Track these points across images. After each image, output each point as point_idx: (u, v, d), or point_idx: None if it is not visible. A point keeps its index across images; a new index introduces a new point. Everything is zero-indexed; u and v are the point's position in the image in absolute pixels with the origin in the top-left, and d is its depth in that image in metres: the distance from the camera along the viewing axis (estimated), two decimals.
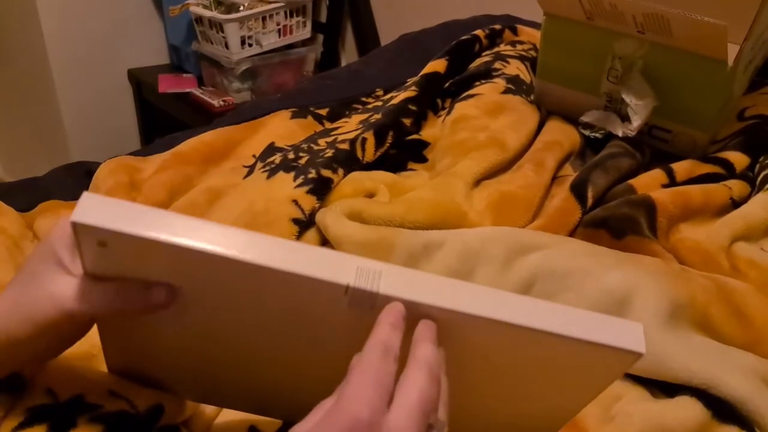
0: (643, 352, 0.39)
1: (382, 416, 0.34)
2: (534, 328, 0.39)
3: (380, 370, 0.35)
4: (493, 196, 0.86)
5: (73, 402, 0.47)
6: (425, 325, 0.39)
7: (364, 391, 0.34)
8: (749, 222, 0.80)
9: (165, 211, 0.38)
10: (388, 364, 0.36)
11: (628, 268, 0.68)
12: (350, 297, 0.38)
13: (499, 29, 1.30)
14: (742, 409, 0.58)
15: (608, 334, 0.39)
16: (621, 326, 0.40)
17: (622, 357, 0.40)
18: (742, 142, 0.94)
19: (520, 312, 0.39)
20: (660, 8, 0.82)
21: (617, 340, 0.39)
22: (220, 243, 0.37)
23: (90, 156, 1.17)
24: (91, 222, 0.36)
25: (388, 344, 0.36)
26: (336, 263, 0.38)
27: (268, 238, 0.38)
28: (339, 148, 0.94)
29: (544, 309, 0.39)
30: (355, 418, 0.33)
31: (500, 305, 0.39)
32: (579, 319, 0.39)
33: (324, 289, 0.38)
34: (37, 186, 0.97)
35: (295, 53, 2.05)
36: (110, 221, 0.36)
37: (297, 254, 0.38)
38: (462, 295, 0.39)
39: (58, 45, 2.00)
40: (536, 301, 0.40)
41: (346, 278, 0.38)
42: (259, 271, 0.37)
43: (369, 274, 0.38)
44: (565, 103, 1.04)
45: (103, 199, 0.37)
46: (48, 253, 0.42)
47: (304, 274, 0.37)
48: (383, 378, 0.35)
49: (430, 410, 0.36)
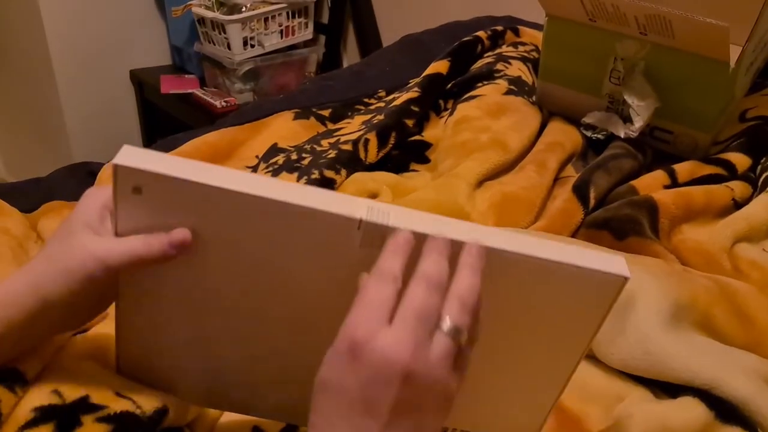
0: (628, 275, 0.45)
1: (378, 333, 0.37)
2: (533, 256, 0.43)
3: (375, 293, 0.38)
4: (496, 197, 0.86)
5: (79, 402, 0.47)
6: (430, 240, 0.41)
7: (358, 315, 0.37)
8: (751, 223, 0.80)
9: (197, 161, 0.42)
10: (384, 286, 0.38)
11: (630, 269, 0.68)
12: (362, 233, 0.42)
13: (501, 30, 1.30)
14: (745, 409, 0.58)
15: (597, 262, 0.45)
16: (607, 258, 0.45)
17: (610, 281, 0.45)
18: (743, 143, 0.94)
19: (519, 243, 0.43)
20: (662, 9, 0.82)
21: (605, 266, 0.45)
22: (247, 184, 0.41)
23: (92, 157, 1.17)
24: (132, 164, 0.40)
25: (385, 269, 0.39)
26: (349, 201, 0.42)
27: (288, 183, 0.43)
28: (342, 149, 0.95)
29: (541, 243, 0.44)
30: (351, 339, 0.37)
31: (501, 237, 0.43)
32: (571, 251, 0.45)
33: (339, 224, 0.41)
34: (40, 186, 0.97)
35: (297, 54, 2.06)
36: (148, 164, 0.41)
37: (315, 194, 0.42)
38: (466, 229, 0.43)
39: (61, 46, 2.00)
40: (533, 237, 0.44)
41: (358, 213, 0.41)
42: (281, 208, 0.41)
43: (379, 211, 0.42)
44: (567, 104, 1.04)
45: (140, 149, 0.41)
46: (77, 219, 0.45)
47: (322, 209, 0.41)
48: (378, 300, 0.38)
49: (428, 317, 0.38)
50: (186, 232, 0.43)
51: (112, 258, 0.43)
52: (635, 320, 0.63)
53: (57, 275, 0.44)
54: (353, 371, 0.37)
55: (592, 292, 0.46)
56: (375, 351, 0.36)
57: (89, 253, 0.43)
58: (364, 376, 0.37)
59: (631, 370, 0.64)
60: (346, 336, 0.37)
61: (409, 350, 0.36)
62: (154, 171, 0.41)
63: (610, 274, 0.45)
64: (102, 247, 0.43)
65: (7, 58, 2.22)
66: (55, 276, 0.44)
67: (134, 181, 0.41)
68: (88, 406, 0.47)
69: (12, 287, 0.45)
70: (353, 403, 0.37)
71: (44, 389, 0.48)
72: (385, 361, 0.36)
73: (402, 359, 0.36)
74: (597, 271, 0.44)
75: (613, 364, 0.65)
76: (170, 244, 0.43)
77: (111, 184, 0.42)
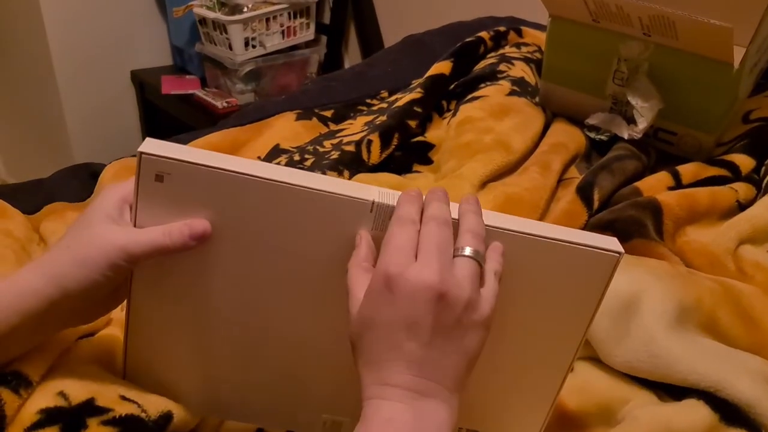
0: (622, 251, 0.47)
1: (408, 266, 0.42)
2: (527, 234, 0.46)
3: (399, 235, 0.43)
4: (499, 198, 0.86)
5: (85, 405, 0.47)
6: (430, 192, 0.46)
7: (389, 255, 0.43)
8: (755, 225, 0.80)
9: (215, 153, 0.45)
10: (406, 228, 0.44)
11: (634, 271, 0.68)
12: (375, 215, 0.45)
13: (503, 31, 1.30)
14: (750, 412, 0.58)
15: (591, 240, 0.47)
16: (600, 237, 0.48)
17: (604, 258, 0.47)
18: (747, 144, 0.94)
19: (514, 223, 0.47)
20: (666, 10, 0.82)
21: (599, 243, 0.47)
22: (266, 171, 0.44)
23: (93, 157, 1.16)
24: (156, 152, 0.43)
25: (403, 214, 0.44)
26: (361, 187, 0.46)
27: (304, 172, 0.46)
28: (344, 149, 0.95)
29: (536, 223, 0.48)
30: (385, 275, 0.42)
31: (497, 218, 0.47)
32: (565, 231, 0.48)
33: (353, 207, 0.45)
34: (41, 187, 0.96)
35: (298, 55, 2.05)
36: (172, 153, 0.43)
37: (329, 181, 0.45)
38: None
39: (62, 46, 2.00)
40: (527, 220, 0.48)
41: (371, 197, 0.45)
42: (298, 194, 0.44)
43: (389, 196, 0.46)
44: (570, 105, 1.04)
45: (162, 141, 0.45)
46: (96, 212, 0.46)
47: (338, 192, 0.45)
48: (402, 240, 0.43)
49: (446, 247, 0.43)
50: (205, 223, 0.45)
51: (133, 247, 0.44)
52: (640, 322, 0.63)
53: (77, 265, 0.45)
54: (391, 303, 0.41)
55: (587, 270, 0.48)
56: (409, 280, 0.41)
57: (110, 243, 0.44)
58: (402, 304, 0.41)
59: (635, 372, 0.63)
60: (380, 274, 0.42)
61: (437, 274, 0.41)
62: (177, 158, 0.43)
63: (604, 250, 0.47)
64: (123, 237, 0.45)
65: (8, 59, 2.22)
66: (76, 265, 0.45)
67: (157, 169, 0.43)
68: (94, 408, 0.47)
69: (27, 277, 0.45)
70: (395, 331, 0.41)
71: (50, 391, 0.48)
72: (419, 286, 0.41)
73: (432, 281, 0.41)
74: (591, 248, 0.47)
75: (617, 366, 0.64)
76: (191, 235, 0.44)
77: (113, 183, 0.42)
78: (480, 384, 0.49)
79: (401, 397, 0.41)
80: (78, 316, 0.49)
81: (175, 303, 0.48)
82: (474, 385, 0.45)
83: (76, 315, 0.48)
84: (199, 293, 0.48)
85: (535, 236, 0.46)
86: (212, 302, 0.48)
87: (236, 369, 0.51)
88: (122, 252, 0.44)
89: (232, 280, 0.47)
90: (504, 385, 0.54)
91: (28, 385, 0.47)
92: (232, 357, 0.51)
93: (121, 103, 2.20)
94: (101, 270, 0.44)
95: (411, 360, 0.41)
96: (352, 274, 0.45)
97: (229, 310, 0.49)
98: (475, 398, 0.51)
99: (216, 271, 0.47)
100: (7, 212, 0.82)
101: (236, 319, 0.49)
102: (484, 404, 0.54)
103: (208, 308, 0.49)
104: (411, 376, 0.41)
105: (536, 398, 0.54)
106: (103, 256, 0.44)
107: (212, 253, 0.46)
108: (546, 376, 0.53)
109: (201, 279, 0.47)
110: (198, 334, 0.50)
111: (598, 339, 0.65)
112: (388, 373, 0.42)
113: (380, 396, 0.42)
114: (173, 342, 0.50)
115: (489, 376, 0.52)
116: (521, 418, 0.55)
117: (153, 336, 0.50)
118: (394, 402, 0.41)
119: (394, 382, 0.41)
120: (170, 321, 0.49)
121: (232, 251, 0.46)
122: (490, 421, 0.55)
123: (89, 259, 0.44)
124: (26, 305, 0.44)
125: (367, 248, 0.45)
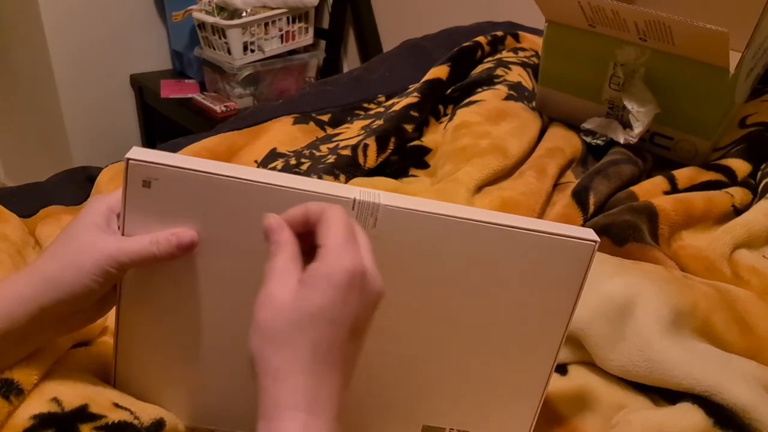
0: (597, 240, 0.49)
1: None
2: (504, 226, 0.47)
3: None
4: (495, 202, 0.86)
5: (78, 411, 0.47)
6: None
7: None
8: (751, 230, 0.80)
9: (202, 159, 0.46)
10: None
11: (629, 275, 0.68)
12: (357, 213, 0.46)
13: (501, 36, 1.30)
14: (744, 416, 0.58)
15: (566, 230, 0.49)
16: (576, 228, 0.50)
17: (581, 247, 0.49)
18: (743, 149, 0.94)
19: (491, 216, 0.48)
20: (662, 15, 0.82)
21: (574, 233, 0.49)
22: (250, 174, 0.45)
23: (92, 161, 1.17)
24: (143, 158, 0.44)
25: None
26: (343, 187, 0.48)
27: (285, 174, 0.47)
28: (341, 154, 0.95)
29: (513, 217, 0.49)
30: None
31: (475, 213, 0.48)
32: (541, 223, 0.49)
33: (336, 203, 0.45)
34: (38, 191, 0.96)
35: (297, 59, 2.06)
36: (158, 158, 0.44)
37: (312, 182, 0.47)
38: (452, 208, 0.48)
39: (61, 50, 2.00)
40: (505, 214, 0.49)
41: (352, 194, 0.46)
42: (283, 194, 0.45)
43: (370, 194, 0.47)
44: (566, 109, 1.04)
45: (149, 149, 0.45)
46: (84, 221, 0.47)
47: (320, 191, 0.46)
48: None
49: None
50: (192, 233, 0.45)
51: (121, 255, 0.45)
52: (635, 327, 0.63)
53: (69, 270, 0.45)
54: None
55: (565, 261, 0.49)
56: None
57: (99, 250, 0.45)
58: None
59: (631, 377, 0.63)
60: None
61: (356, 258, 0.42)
62: (164, 163, 0.44)
63: (580, 239, 0.48)
64: (112, 244, 0.45)
65: (8, 63, 2.23)
66: (68, 270, 0.45)
67: (144, 175, 0.44)
68: (87, 415, 0.47)
69: (14, 284, 0.45)
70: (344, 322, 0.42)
71: (43, 397, 0.48)
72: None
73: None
74: (567, 238, 0.48)
75: (612, 370, 0.64)
76: (178, 245, 0.45)
77: (110, 189, 0.42)
78: (466, 382, 0.49)
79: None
80: (64, 325, 0.48)
81: (163, 310, 0.49)
82: (460, 383, 0.46)
83: (62, 323, 0.48)
84: (187, 300, 0.48)
85: (510, 227, 0.47)
86: (201, 309, 0.49)
87: (225, 376, 0.51)
88: (111, 259, 0.45)
89: (220, 285, 0.48)
90: (490, 382, 0.54)
91: (20, 392, 0.47)
92: (221, 364, 0.51)
93: (120, 106, 2.20)
94: (92, 275, 0.45)
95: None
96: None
97: (218, 316, 0.49)
98: (462, 397, 0.51)
99: (204, 277, 0.47)
100: (3, 216, 0.82)
101: (225, 325, 0.49)
102: (471, 403, 0.54)
103: (197, 315, 0.49)
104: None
105: (523, 394, 0.54)
106: (94, 262, 0.45)
107: (200, 260, 0.47)
108: (531, 371, 0.54)
109: (189, 285, 0.47)
110: (186, 341, 0.50)
111: (593, 343, 0.65)
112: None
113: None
114: (162, 350, 0.50)
115: (475, 374, 0.52)
116: (509, 416, 0.55)
117: (142, 344, 0.50)
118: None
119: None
120: (159, 328, 0.49)
121: (220, 256, 0.47)
122: (477, 420, 0.56)
123: (80, 265, 0.45)
124: (14, 311, 0.45)
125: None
